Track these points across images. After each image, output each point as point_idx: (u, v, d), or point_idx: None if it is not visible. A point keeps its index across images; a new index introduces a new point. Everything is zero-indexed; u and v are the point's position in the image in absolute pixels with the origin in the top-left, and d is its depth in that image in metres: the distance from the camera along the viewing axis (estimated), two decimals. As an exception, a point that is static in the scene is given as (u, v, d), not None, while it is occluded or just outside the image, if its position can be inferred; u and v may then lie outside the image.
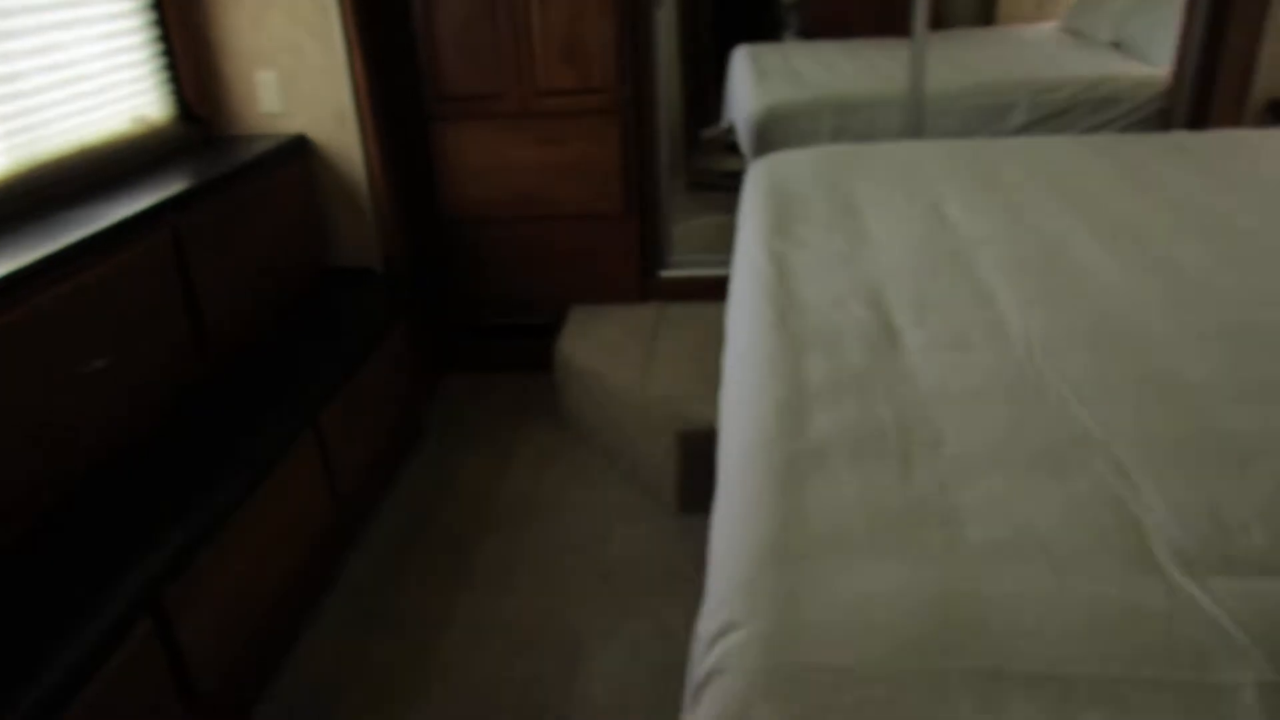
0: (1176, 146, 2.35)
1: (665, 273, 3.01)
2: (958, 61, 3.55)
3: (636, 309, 2.94)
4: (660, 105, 2.81)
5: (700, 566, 1.17)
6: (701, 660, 0.95)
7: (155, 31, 2.31)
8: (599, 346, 2.72)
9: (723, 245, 2.43)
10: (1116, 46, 3.77)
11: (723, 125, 4.20)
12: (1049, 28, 4.37)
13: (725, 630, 0.95)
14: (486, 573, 2.17)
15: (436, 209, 2.91)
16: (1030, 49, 4.00)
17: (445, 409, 2.90)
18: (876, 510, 1.08)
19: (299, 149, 2.51)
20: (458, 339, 3.08)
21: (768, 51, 4.15)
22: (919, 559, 1.01)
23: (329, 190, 2.61)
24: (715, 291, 2.31)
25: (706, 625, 0.99)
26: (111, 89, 2.13)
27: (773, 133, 3.33)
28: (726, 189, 2.97)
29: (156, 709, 1.46)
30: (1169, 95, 3.01)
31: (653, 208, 2.91)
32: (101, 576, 1.45)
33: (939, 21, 3.65)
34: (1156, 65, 3.24)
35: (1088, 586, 0.95)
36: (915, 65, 2.96)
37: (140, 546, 1.52)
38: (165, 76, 2.35)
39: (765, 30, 4.60)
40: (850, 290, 1.67)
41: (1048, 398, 1.30)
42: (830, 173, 2.32)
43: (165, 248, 1.92)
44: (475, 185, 2.87)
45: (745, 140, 3.53)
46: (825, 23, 4.54)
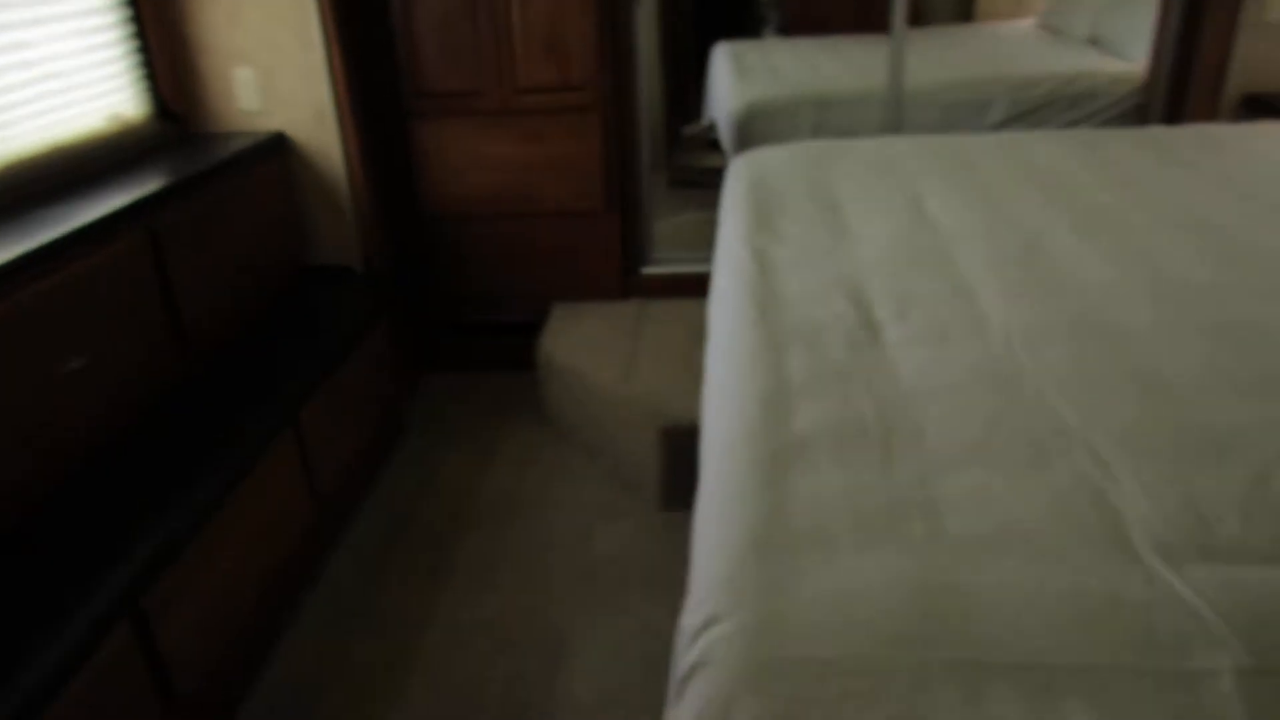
0: (1153, 141, 2.37)
1: (647, 269, 3.00)
2: (936, 58, 3.57)
3: (618, 306, 2.94)
4: (641, 102, 2.81)
5: (683, 563, 1.17)
6: (685, 654, 0.95)
7: (130, 28, 2.28)
8: (581, 344, 2.72)
9: (704, 242, 2.43)
10: (1093, 43, 3.80)
11: (704, 123, 4.20)
12: (1026, 24, 4.40)
13: (709, 624, 0.95)
14: (468, 571, 2.16)
15: (417, 207, 2.89)
16: (1008, 45, 4.03)
17: (426, 407, 2.89)
18: (858, 503, 1.09)
19: (277, 147, 2.49)
20: (439, 337, 3.07)
21: (748, 49, 4.15)
22: (901, 551, 1.01)
23: (308, 188, 2.60)
24: (697, 288, 2.31)
25: (690, 619, 0.99)
26: (86, 86, 2.10)
27: (753, 129, 3.33)
28: (708, 186, 2.97)
29: (136, 711, 1.45)
30: (1145, 90, 3.04)
31: (634, 205, 2.91)
32: (79, 578, 1.43)
33: (918, 18, 3.66)
34: (1132, 61, 3.27)
35: (1068, 577, 0.96)
36: (894, 62, 2.97)
37: (119, 547, 1.50)
38: (141, 74, 2.33)
39: (745, 27, 4.60)
40: (831, 285, 1.68)
41: (1028, 391, 1.30)
42: (811, 168, 2.32)
43: (142, 247, 1.90)
44: (456, 183, 2.86)
45: (726, 137, 3.54)
46: (805, 20, 4.55)
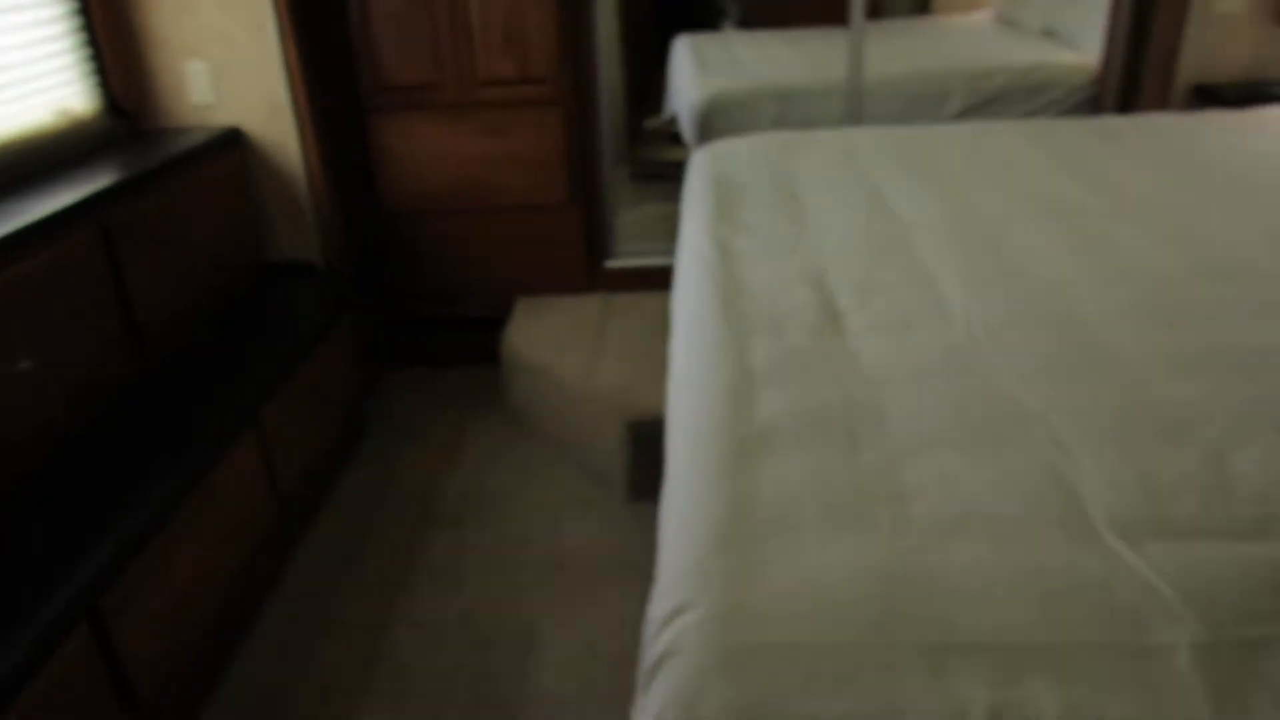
0: (1107, 130, 2.41)
1: (611, 263, 3.00)
2: (895, 50, 3.60)
3: (583, 300, 2.93)
4: (601, 94, 2.80)
5: (652, 554, 1.17)
6: (654, 643, 0.95)
7: (78, 20, 2.23)
8: (545, 338, 2.71)
9: (668, 235, 2.43)
10: (1048, 35, 3.86)
11: (665, 116, 4.20)
12: (983, 17, 4.45)
13: (677, 612, 0.95)
14: (435, 568, 2.14)
15: (377, 202, 2.86)
16: (965, 38, 4.07)
17: (390, 404, 2.86)
18: (824, 489, 1.10)
19: (232, 142, 2.45)
20: (401, 333, 3.04)
21: (708, 41, 4.16)
22: (866, 536, 1.02)
23: (265, 184, 2.55)
24: (661, 281, 2.31)
25: (658, 608, 0.99)
26: (32, 81, 2.05)
27: (715, 122, 3.33)
28: (670, 179, 2.97)
29: (95, 714, 1.42)
30: (1098, 81, 3.09)
31: (596, 198, 2.90)
32: (35, 583, 1.40)
33: (876, 11, 3.70)
34: (1086, 53, 3.32)
35: (1029, 556, 0.97)
36: (854, 54, 2.99)
37: (76, 548, 1.47)
38: (90, 68, 2.27)
39: (704, 20, 4.61)
40: (794, 275, 1.68)
41: (988, 376, 1.32)
42: (772, 160, 2.33)
43: (93, 244, 1.86)
44: (417, 177, 2.83)
45: (688, 129, 3.54)
46: (764, 12, 4.57)
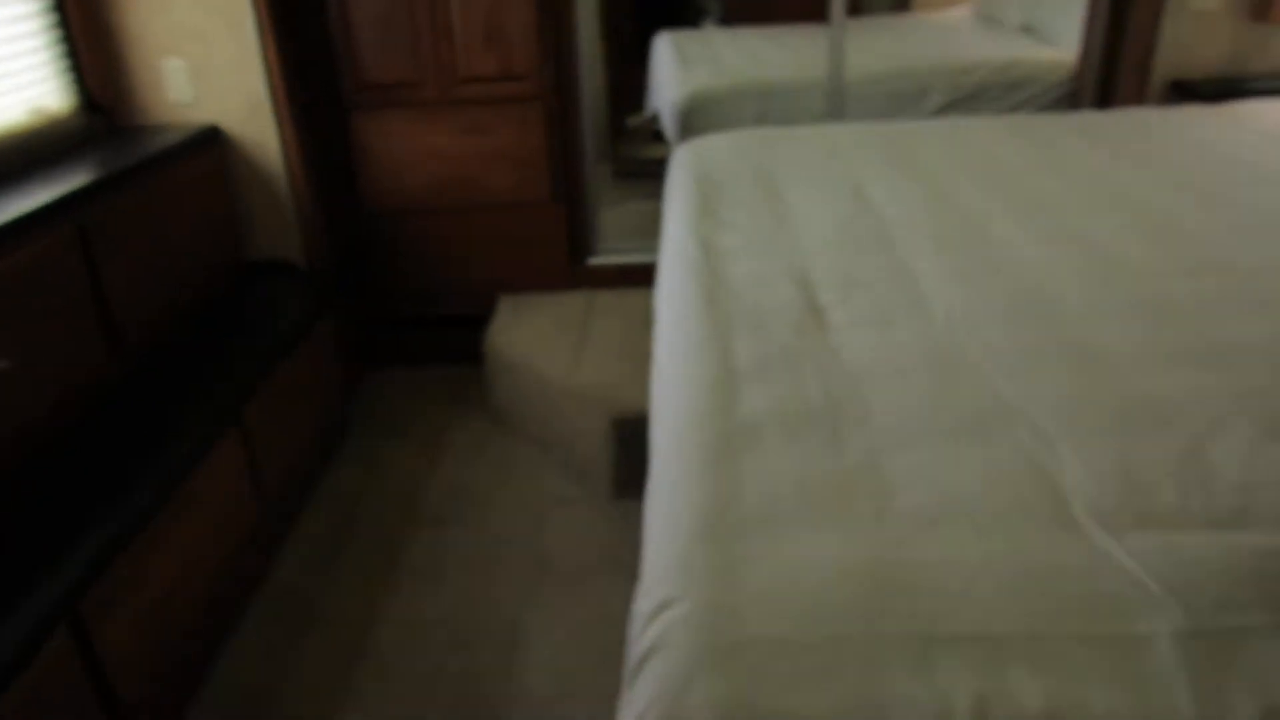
0: (1085, 126, 2.43)
1: (594, 260, 3.00)
2: (875, 47, 3.62)
3: (566, 297, 2.93)
4: (583, 92, 2.79)
5: (637, 550, 1.17)
6: (639, 638, 0.95)
7: (53, 17, 2.20)
8: (529, 336, 2.70)
9: (651, 232, 2.43)
10: (1026, 31, 3.88)
11: (647, 114, 4.20)
12: (962, 14, 4.48)
13: (662, 607, 0.95)
14: (418, 567, 2.14)
15: (359, 200, 2.85)
16: (945, 34, 4.09)
17: (374, 403, 2.85)
18: (808, 483, 1.10)
19: (211, 140, 2.42)
20: (384, 332, 3.02)
21: (689, 39, 4.16)
22: (850, 529, 1.03)
23: (245, 182, 2.53)
24: (644, 278, 2.32)
25: (643, 603, 0.99)
26: (6, 78, 2.02)
27: (696, 119, 3.34)
28: (653, 176, 2.97)
29: (77, 718, 1.40)
30: (1076, 77, 3.11)
31: (579, 195, 2.90)
32: (13, 586, 1.38)
33: (856, 8, 3.72)
34: (1064, 49, 3.34)
35: (1012, 548, 0.98)
36: (834, 51, 3.00)
37: (54, 554, 1.45)
38: (65, 65, 2.25)
39: (685, 18, 4.61)
40: (776, 270, 1.69)
41: (969, 369, 1.33)
42: (754, 156, 2.34)
43: (70, 243, 1.84)
44: (398, 175, 2.82)
45: (670, 127, 3.54)
46: (745, 9, 4.58)
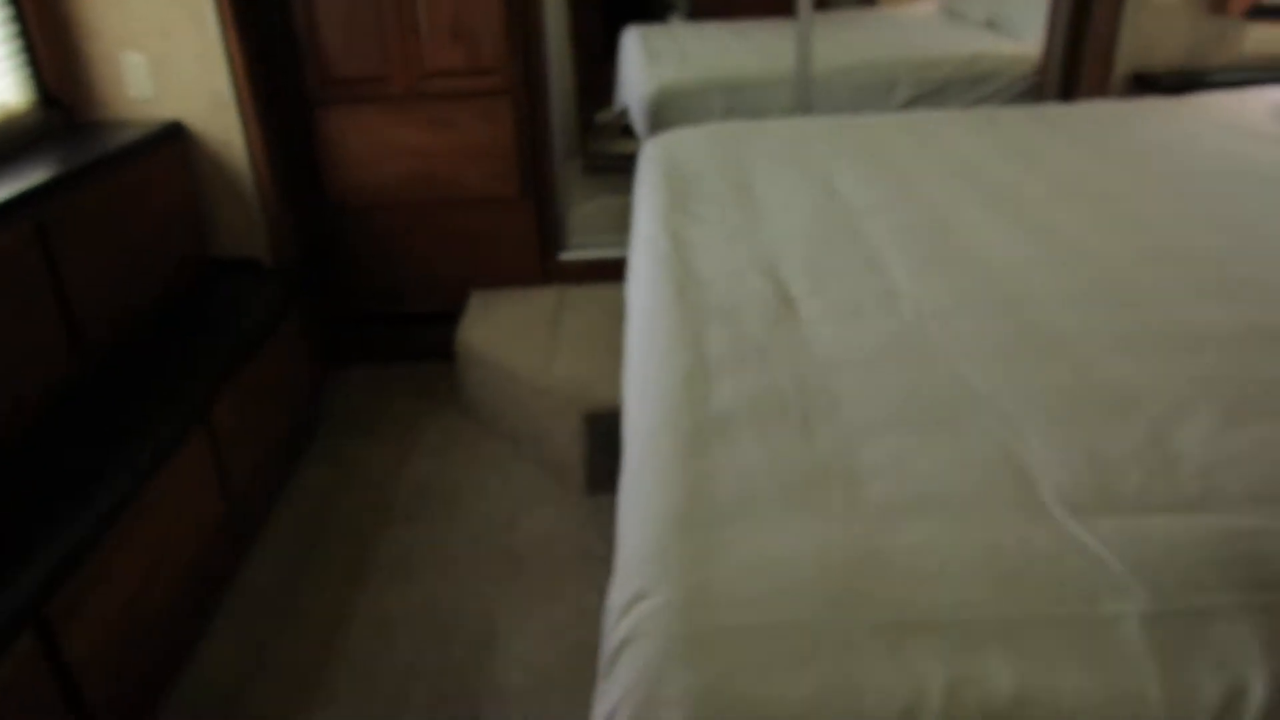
0: (1049, 118, 2.46)
1: (565, 255, 2.99)
2: (842, 41, 3.63)
3: (537, 293, 2.92)
4: (551, 85, 2.78)
5: (612, 546, 1.17)
6: (614, 630, 0.95)
7: (8, 10, 2.16)
8: (501, 332, 2.69)
9: (621, 227, 2.43)
10: (991, 25, 3.92)
11: (616, 109, 4.19)
12: (928, 8, 4.51)
13: (636, 599, 0.95)
14: (391, 564, 2.12)
15: (326, 196, 2.82)
16: (911, 29, 4.12)
17: (343, 401, 2.82)
18: (780, 474, 1.10)
19: (173, 136, 2.39)
20: (354, 329, 3.00)
21: (657, 33, 4.16)
22: (823, 519, 1.03)
23: (209, 179, 2.50)
24: (616, 273, 2.31)
25: (617, 595, 0.99)
26: (-40, 73, 1.99)
27: (665, 113, 3.34)
28: (622, 171, 2.96)
29: (43, 726, 1.38)
30: (1040, 70, 3.14)
31: (549, 190, 2.89)
32: (-26, 591, 1.36)
33: (823, 3, 3.73)
34: (1028, 43, 3.38)
35: (982, 534, 0.99)
36: (801, 45, 3.01)
37: (18, 557, 1.43)
38: (22, 59, 2.20)
39: (653, 12, 4.61)
40: (747, 263, 1.69)
41: (938, 359, 1.34)
42: (723, 149, 2.34)
43: (28, 241, 1.81)
44: (366, 170, 2.79)
45: (639, 121, 3.54)
46: (712, 4, 4.58)
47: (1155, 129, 2.31)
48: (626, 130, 3.97)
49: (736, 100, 3.33)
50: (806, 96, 3.08)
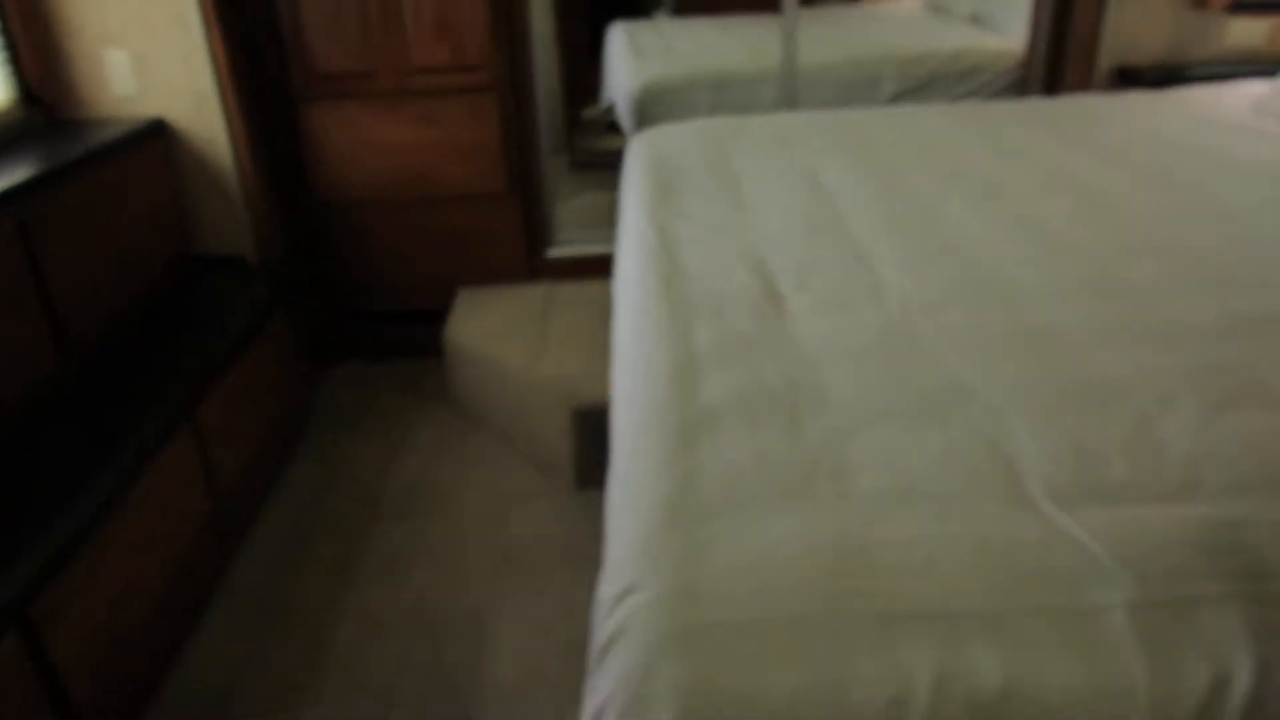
0: (1033, 112, 2.47)
1: (552, 252, 2.98)
2: (828, 37, 3.64)
3: (525, 289, 2.91)
4: (537, 81, 2.77)
5: (602, 542, 1.17)
6: (603, 624, 0.95)
7: (-13, 8, 2.14)
8: (489, 328, 2.68)
9: (609, 223, 2.42)
10: (975, 21, 3.94)
11: (603, 105, 4.19)
12: (912, 4, 4.52)
13: (626, 593, 0.95)
14: (381, 562, 2.12)
15: (312, 194, 2.80)
16: (896, 24, 4.13)
17: (331, 399, 2.81)
18: (769, 467, 1.10)
19: (156, 133, 2.37)
20: (341, 327, 2.98)
21: (643, 29, 4.16)
22: (811, 511, 1.03)
23: (193, 177, 2.48)
24: (604, 269, 2.31)
25: (607, 589, 0.99)
26: (-60, 70, 1.97)
27: (652, 109, 3.34)
28: (609, 168, 2.96)
29: (29, 727, 1.37)
30: (1024, 65, 3.16)
31: (535, 186, 2.88)
32: (-42, 593, 1.35)
33: (808, -2, 3.74)
34: (1012, 37, 3.39)
35: (970, 525, 0.99)
36: (787, 41, 3.01)
37: (2, 558, 1.42)
38: (2, 57, 2.18)
39: (639, 8, 4.60)
40: (734, 258, 1.69)
41: (925, 352, 1.34)
42: (710, 145, 2.34)
43: (10, 239, 1.79)
44: (352, 167, 2.78)
45: (625, 118, 3.53)
46: (698, 0, 4.58)
47: (1138, 123, 2.33)
48: (613, 126, 3.96)
49: (723, 96, 3.33)
50: (792, 92, 3.09)
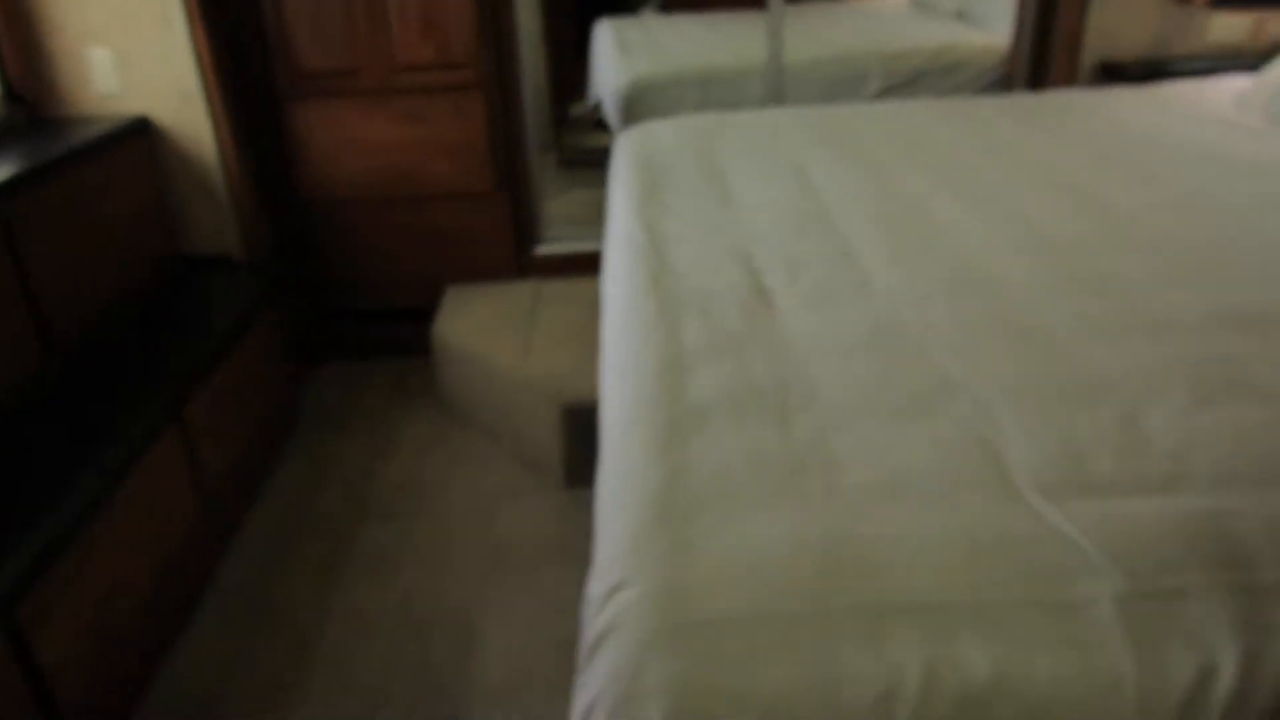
0: (1019, 108, 2.48)
1: (540, 249, 2.98)
2: (814, 34, 3.65)
3: (513, 287, 2.91)
4: (523, 79, 2.77)
5: (591, 539, 1.17)
6: (593, 621, 0.95)
7: (-33, 6, 2.12)
8: (477, 326, 2.68)
9: (597, 220, 2.42)
10: (960, 17, 3.95)
11: (590, 103, 4.18)
12: (898, 1, 4.53)
13: (615, 590, 0.95)
14: (369, 561, 2.11)
15: (299, 192, 2.79)
16: (881, 21, 4.14)
17: (319, 397, 2.80)
18: (758, 463, 1.11)
19: (140, 132, 2.35)
20: (329, 326, 2.97)
21: (629, 26, 4.15)
22: (801, 507, 1.03)
23: (178, 175, 2.47)
24: (592, 266, 2.30)
25: (596, 586, 0.99)
26: (-81, 69, 1.95)
27: (639, 106, 3.34)
28: (597, 165, 2.96)
29: (16, 730, 1.36)
30: (1009, 60, 3.17)
31: (523, 184, 2.88)
32: (-58, 595, 1.34)
33: (794, -6, 3.74)
34: (997, 33, 3.40)
35: (958, 519, 1.00)
36: (773, 37, 3.02)
37: (-14, 560, 1.41)
38: (-18, 55, 2.17)
39: (625, 5, 4.60)
40: (722, 254, 1.69)
41: (913, 347, 1.35)
42: (697, 141, 2.34)
43: (-6, 239, 1.78)
44: (338, 166, 2.76)
45: (612, 115, 3.53)
46: (684, -4, 4.58)
47: (1122, 118, 2.34)
48: (600, 124, 3.95)
49: (709, 93, 3.33)
50: (779, 88, 3.09)
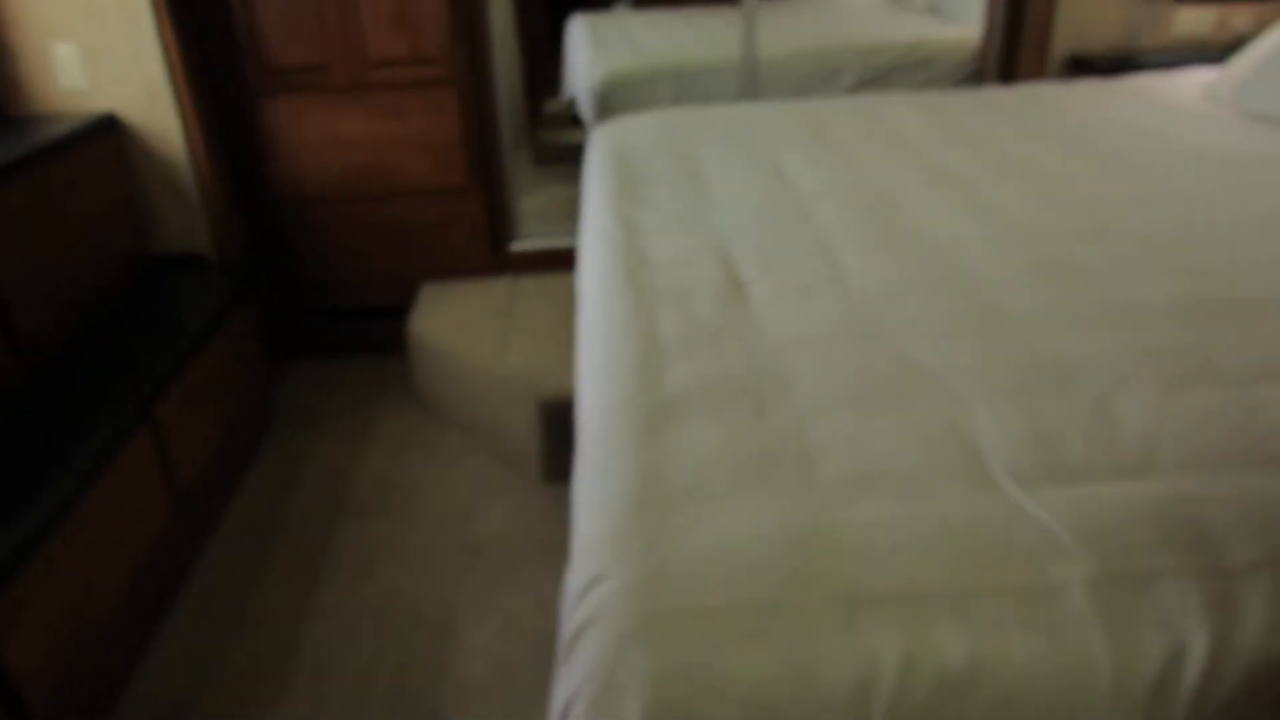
0: (990, 101, 2.50)
1: (516, 246, 2.97)
2: (788, 28, 3.65)
3: (489, 284, 2.89)
4: (497, 74, 2.75)
5: (569, 535, 1.17)
6: (572, 614, 0.95)
7: (-73, 2, 2.08)
8: (453, 323, 2.67)
9: (572, 216, 2.42)
10: (932, 11, 3.97)
11: (564, 98, 4.17)
12: (871, -5, 4.55)
13: (594, 582, 0.95)
14: (347, 560, 2.10)
15: (270, 189, 2.76)
16: (855, 15, 4.16)
17: (294, 396, 2.78)
18: (734, 455, 1.11)
19: (108, 129, 2.32)
20: (304, 324, 2.95)
21: (604, 21, 4.14)
22: (777, 497, 1.04)
23: (147, 174, 2.43)
24: (568, 262, 2.30)
25: (575, 579, 0.99)
26: (-121, 66, 1.91)
27: (613, 101, 3.33)
28: (572, 161, 2.95)
29: (-14, 737, 1.34)
30: (980, 55, 3.19)
31: (497, 179, 2.86)
32: (-91, 601, 1.32)
33: (768, -11, 3.74)
34: (968, 27, 3.43)
35: (932, 507, 1.00)
36: (747, 32, 3.02)
37: (-47, 565, 1.39)
38: (-57, 52, 2.13)
39: (598, 0, 4.58)
40: (698, 247, 1.70)
41: (887, 337, 1.36)
42: (672, 136, 2.34)
43: (-42, 239, 1.75)
44: (310, 163, 2.74)
45: (587, 110, 3.52)
46: (658, -9, 4.57)
47: (1092, 110, 2.36)
48: (575, 120, 3.94)
49: (684, 87, 3.33)
50: (753, 82, 3.10)
